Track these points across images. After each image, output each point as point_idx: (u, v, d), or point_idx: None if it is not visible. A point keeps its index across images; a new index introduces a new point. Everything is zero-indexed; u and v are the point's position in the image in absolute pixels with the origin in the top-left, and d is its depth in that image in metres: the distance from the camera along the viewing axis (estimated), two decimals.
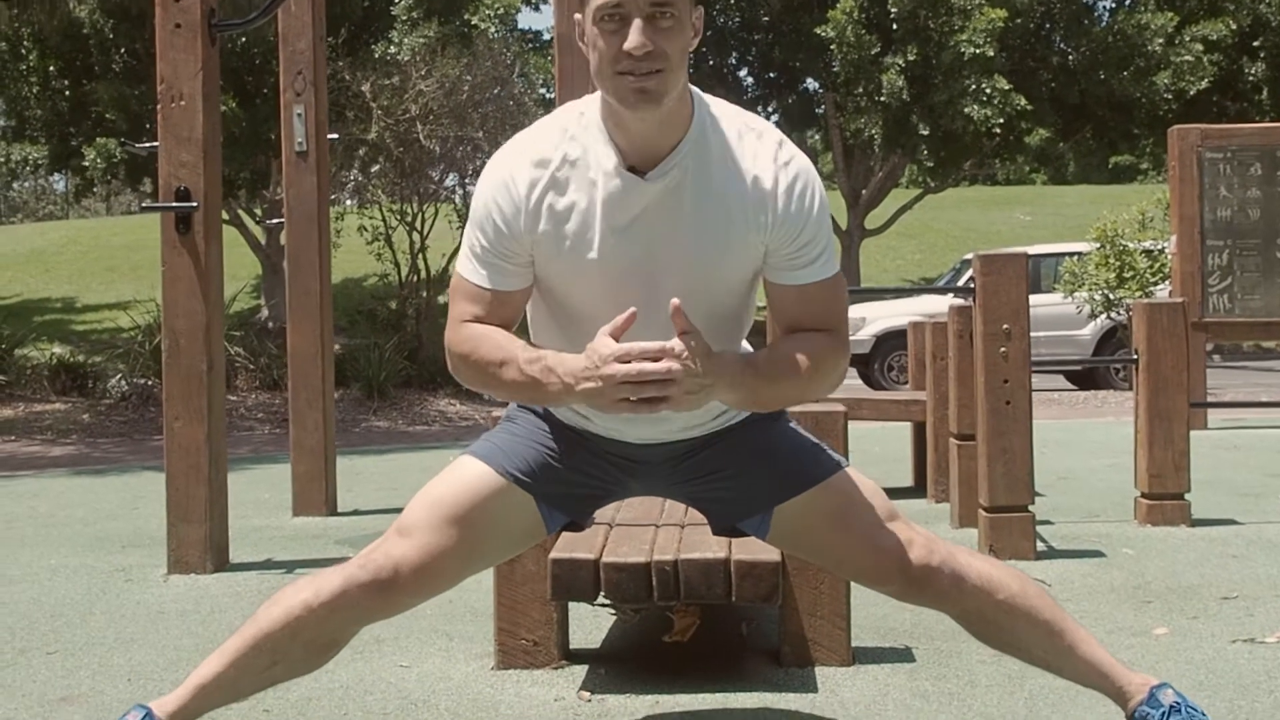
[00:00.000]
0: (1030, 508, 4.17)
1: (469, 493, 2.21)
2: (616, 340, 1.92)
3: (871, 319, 14.85)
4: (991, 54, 19.40)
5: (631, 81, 1.88)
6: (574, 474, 2.23)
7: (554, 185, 2.01)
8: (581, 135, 2.01)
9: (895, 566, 2.22)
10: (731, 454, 2.20)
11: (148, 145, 4.50)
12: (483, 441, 2.27)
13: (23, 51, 17.02)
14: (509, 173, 2.02)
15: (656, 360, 1.89)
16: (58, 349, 13.62)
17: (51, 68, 16.87)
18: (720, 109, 2.04)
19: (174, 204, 4.13)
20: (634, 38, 1.86)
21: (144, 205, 4.57)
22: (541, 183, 2.01)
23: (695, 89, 2.04)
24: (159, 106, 4.17)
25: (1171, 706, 2.19)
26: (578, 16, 1.96)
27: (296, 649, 2.27)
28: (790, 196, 2.00)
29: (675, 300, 1.92)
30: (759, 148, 2.01)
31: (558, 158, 2.01)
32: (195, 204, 4.13)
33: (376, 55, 12.76)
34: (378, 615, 2.29)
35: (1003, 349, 4.04)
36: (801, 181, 2.01)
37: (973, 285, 4.14)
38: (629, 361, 1.89)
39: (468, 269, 2.08)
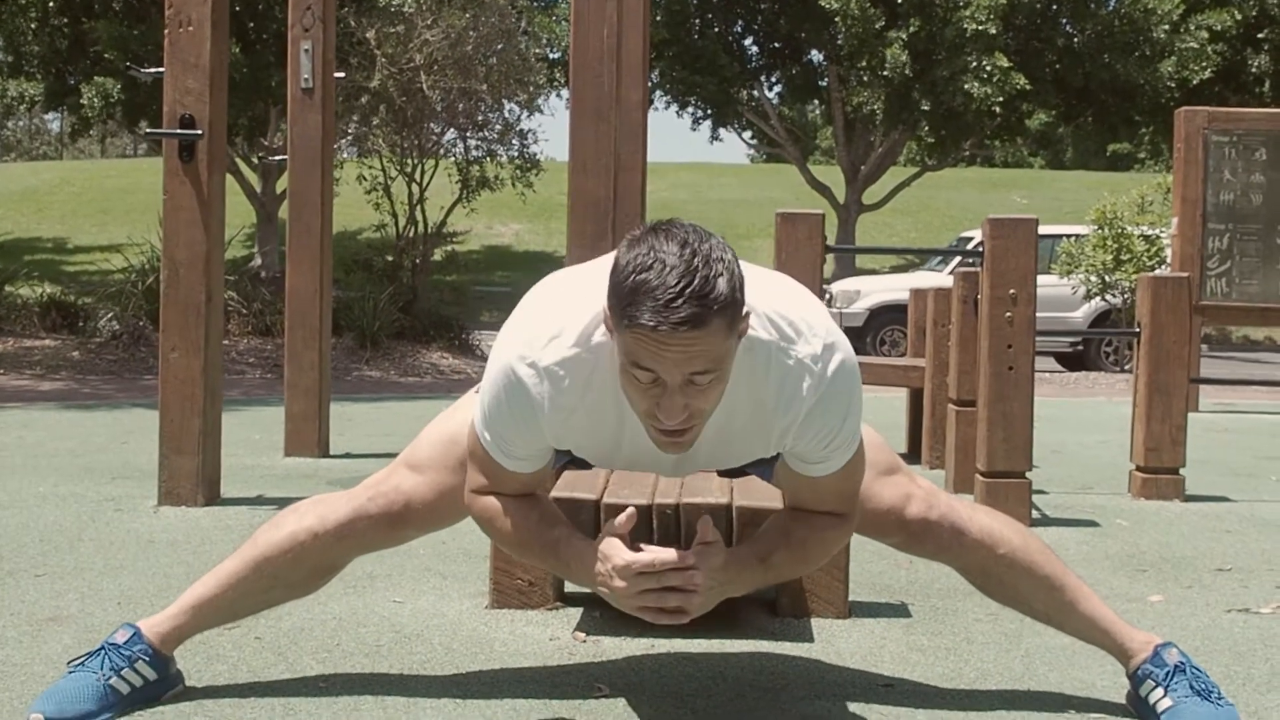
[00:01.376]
0: (1027, 474, 4.16)
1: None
2: (624, 538, 1.88)
3: (866, 292, 14.84)
4: (994, 31, 19.33)
5: (663, 438, 1.78)
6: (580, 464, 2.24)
7: (573, 424, 1.91)
8: (612, 380, 1.83)
9: (894, 520, 2.23)
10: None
11: (152, 70, 4.44)
12: None
13: None
14: (531, 403, 1.87)
15: (680, 568, 1.84)
16: (48, 288, 13.53)
17: (51, 3, 16.68)
18: (760, 346, 1.82)
19: (179, 131, 4.07)
20: (668, 411, 1.72)
21: (148, 130, 4.51)
22: (562, 419, 1.89)
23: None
24: (166, 31, 4.10)
25: (1176, 667, 2.18)
26: (605, 311, 1.76)
27: (297, 574, 2.28)
28: (827, 428, 1.89)
29: (706, 520, 1.89)
30: (797, 384, 1.84)
31: (579, 404, 1.88)
32: (200, 132, 4.07)
33: (381, 4, 12.63)
34: (380, 545, 2.31)
35: (1008, 314, 4.02)
36: (839, 409, 1.87)
37: (981, 250, 4.12)
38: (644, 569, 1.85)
39: (487, 446, 1.97)
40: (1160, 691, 2.16)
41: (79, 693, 2.09)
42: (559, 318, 1.85)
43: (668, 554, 1.84)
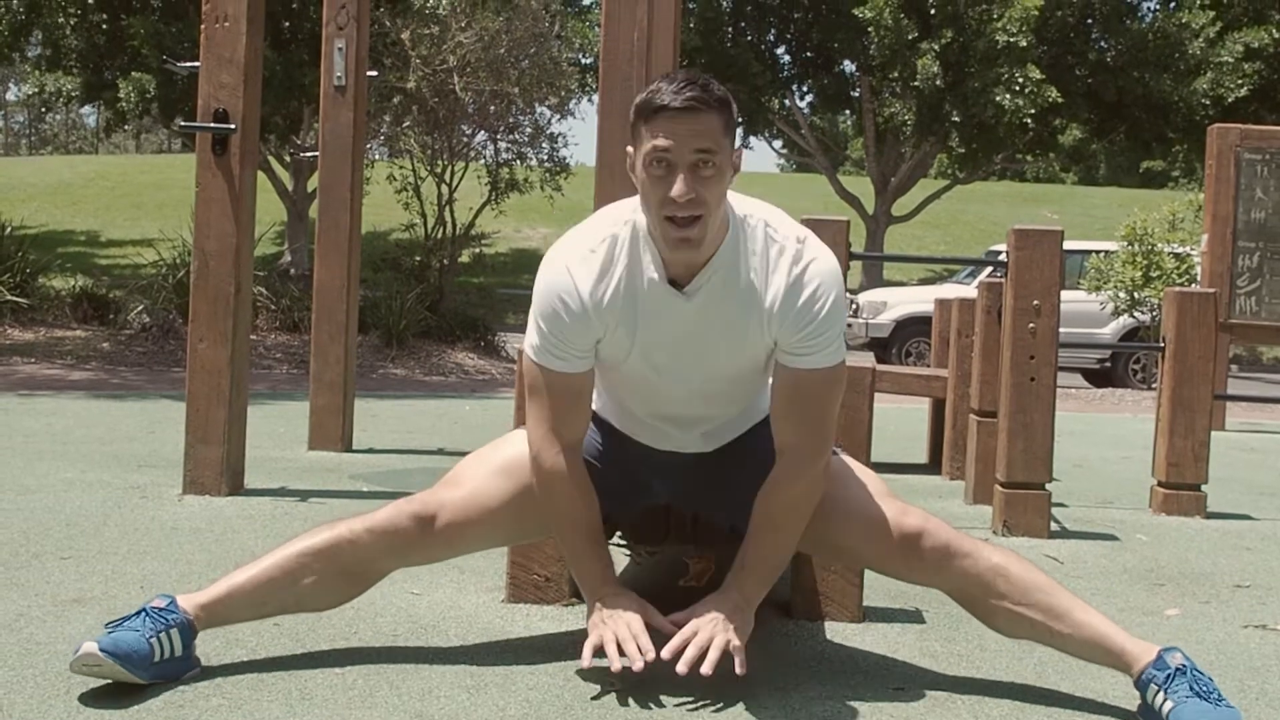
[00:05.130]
0: (1047, 486, 4.16)
1: (520, 456, 2.40)
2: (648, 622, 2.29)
3: (893, 303, 14.83)
4: (1025, 44, 19.27)
5: (674, 231, 2.14)
6: (613, 473, 2.48)
7: (613, 292, 2.23)
8: (630, 245, 2.25)
9: (890, 538, 2.36)
10: (736, 459, 2.48)
11: (188, 65, 4.49)
12: None
13: None
14: (573, 277, 2.24)
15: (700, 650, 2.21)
16: (80, 280, 13.66)
17: (90, 0, 16.85)
18: (752, 218, 2.26)
19: (212, 125, 4.12)
20: (678, 187, 2.10)
21: (182, 124, 4.58)
22: (603, 290, 2.23)
23: (731, 196, 2.24)
24: (203, 26, 4.16)
25: (1177, 669, 2.19)
26: (629, 149, 2.22)
27: (331, 568, 2.37)
28: (799, 304, 2.22)
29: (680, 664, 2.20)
30: (779, 259, 2.23)
31: (615, 268, 2.24)
32: (233, 126, 4.12)
33: (416, 6, 12.71)
34: (413, 552, 2.42)
35: (1031, 325, 4.02)
36: (811, 289, 2.22)
37: (1006, 260, 4.12)
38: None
39: (538, 354, 2.30)
40: (1162, 695, 2.16)
41: (128, 639, 2.16)
42: (582, 228, 2.31)
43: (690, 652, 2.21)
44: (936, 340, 6.22)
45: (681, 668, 2.15)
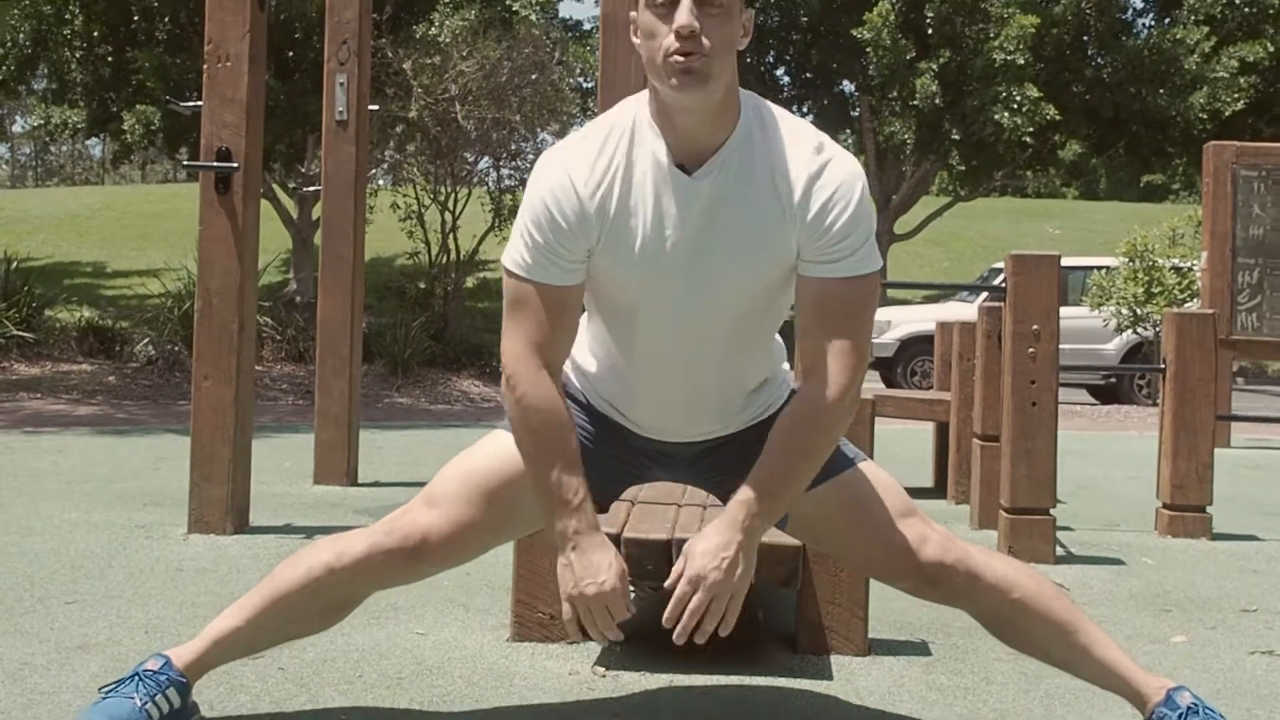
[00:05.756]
0: (1051, 511, 4.16)
1: (502, 467, 2.22)
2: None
3: (897, 323, 14.83)
4: (1022, 62, 19.32)
5: (678, 61, 1.91)
6: (605, 457, 2.26)
7: (610, 183, 2.02)
8: (632, 133, 2.04)
9: (909, 563, 2.22)
10: (754, 446, 2.14)
11: (191, 105, 4.52)
12: None
13: (68, 16, 17.11)
14: (567, 171, 2.03)
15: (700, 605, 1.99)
16: (86, 312, 13.70)
17: (95, 32, 16.95)
18: (767, 110, 2.06)
19: (215, 164, 4.15)
20: (682, 15, 1.90)
21: (185, 163, 4.59)
22: (599, 181, 2.02)
23: (744, 90, 2.06)
24: (205, 66, 4.19)
25: (1189, 708, 2.18)
26: (632, 14, 2.00)
27: (313, 609, 2.29)
28: (822, 198, 2.00)
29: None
30: (799, 150, 2.02)
31: (613, 157, 2.03)
32: (236, 165, 4.15)
33: (418, 36, 12.78)
34: (398, 581, 2.31)
35: (1031, 350, 4.03)
36: (834, 184, 2.01)
37: (1005, 285, 4.13)
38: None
39: (521, 263, 2.06)
40: None
41: (120, 714, 2.14)
42: (580, 131, 2.13)
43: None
44: (939, 364, 6.23)
45: (679, 640, 1.99)
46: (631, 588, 3.20)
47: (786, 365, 2.31)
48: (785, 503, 2.08)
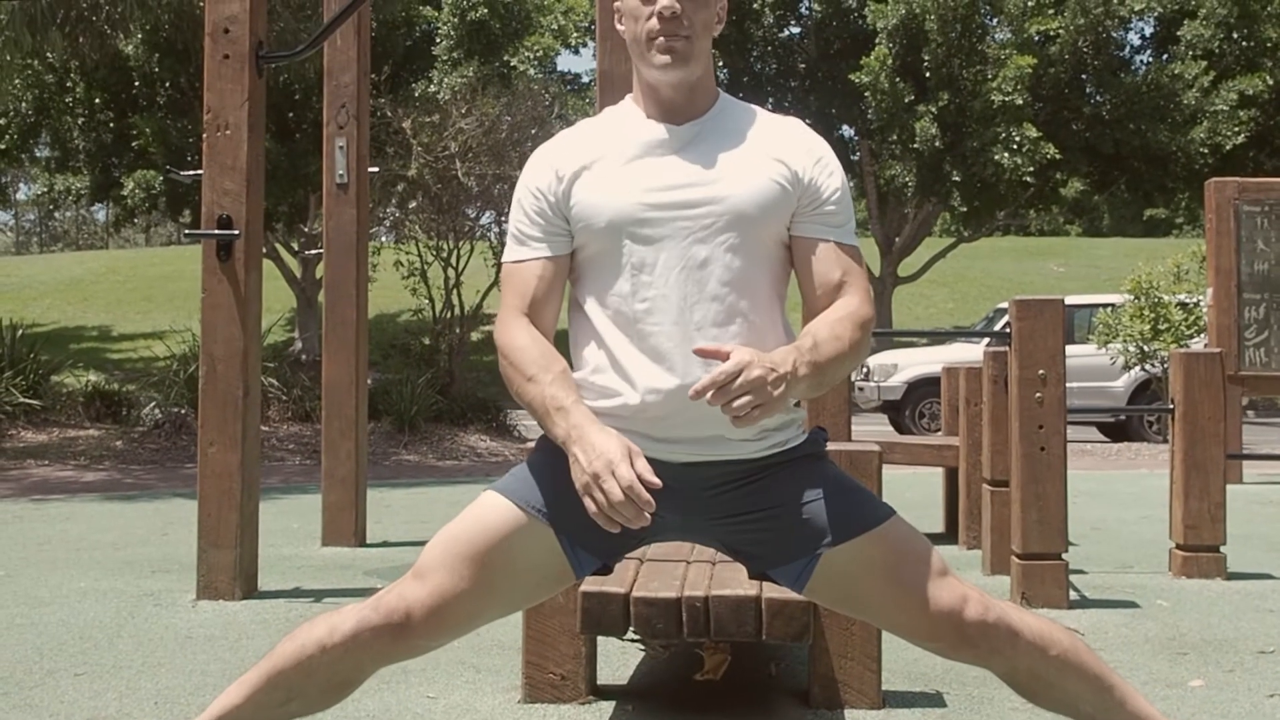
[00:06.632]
0: (1064, 556, 4.13)
1: (486, 530, 2.16)
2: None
3: (904, 365, 14.82)
4: (1021, 102, 19.44)
5: (662, 41, 2.09)
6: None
7: (592, 151, 2.16)
8: (616, 111, 2.22)
9: (950, 624, 2.14)
10: (777, 490, 2.11)
11: (191, 173, 4.55)
12: (508, 476, 2.23)
13: (69, 85, 17.31)
14: (549, 148, 2.20)
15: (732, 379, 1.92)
16: (92, 376, 13.73)
17: (97, 100, 17.13)
18: (741, 102, 2.24)
19: (216, 231, 4.17)
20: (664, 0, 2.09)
21: (186, 232, 4.62)
22: (580, 153, 2.16)
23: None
24: (205, 135, 4.22)
25: None
26: (617, 4, 2.19)
27: (311, 687, 2.24)
28: (814, 160, 2.15)
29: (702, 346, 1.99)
30: (783, 126, 2.19)
31: (595, 134, 2.19)
32: (237, 232, 4.17)
33: (417, 94, 12.89)
34: (394, 657, 2.24)
35: (1038, 394, 4.02)
36: (822, 152, 2.17)
37: (1009, 330, 4.12)
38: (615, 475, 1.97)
39: (512, 250, 2.21)
40: None
41: None
42: None
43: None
44: (946, 409, 6.21)
45: (710, 398, 1.91)
46: (642, 647, 3.18)
47: (803, 410, 2.24)
48: (826, 374, 2.07)
